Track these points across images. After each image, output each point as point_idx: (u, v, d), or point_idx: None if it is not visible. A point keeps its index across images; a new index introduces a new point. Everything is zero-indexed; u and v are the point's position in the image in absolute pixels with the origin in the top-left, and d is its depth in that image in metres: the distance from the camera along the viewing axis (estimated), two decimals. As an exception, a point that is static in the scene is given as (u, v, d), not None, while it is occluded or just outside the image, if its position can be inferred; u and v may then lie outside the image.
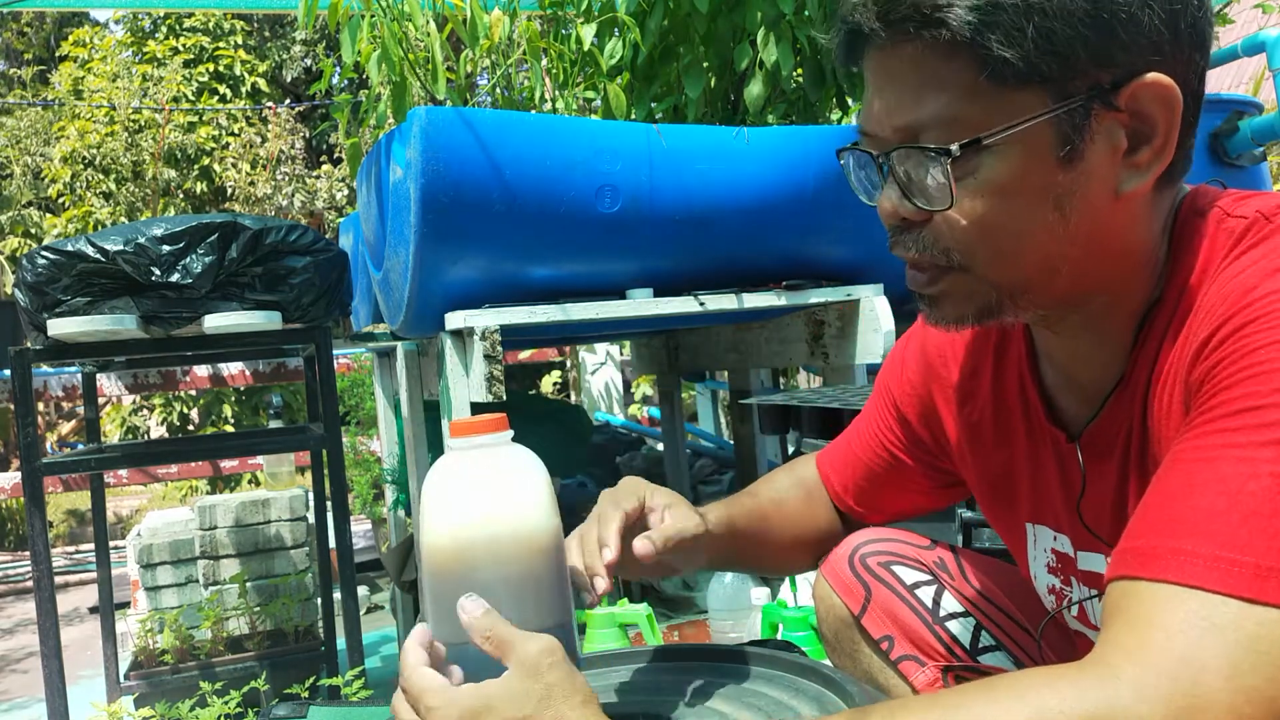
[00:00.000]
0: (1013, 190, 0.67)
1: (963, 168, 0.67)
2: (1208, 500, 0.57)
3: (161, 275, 1.99)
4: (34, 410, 2.05)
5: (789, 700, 0.79)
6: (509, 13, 2.28)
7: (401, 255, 1.84)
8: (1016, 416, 0.86)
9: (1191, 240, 0.70)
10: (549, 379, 7.50)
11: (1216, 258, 0.68)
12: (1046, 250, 0.68)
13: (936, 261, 0.71)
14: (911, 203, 0.70)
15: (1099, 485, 0.78)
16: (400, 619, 2.95)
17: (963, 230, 0.69)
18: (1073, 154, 0.66)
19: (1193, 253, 0.69)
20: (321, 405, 2.25)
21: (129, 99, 7.30)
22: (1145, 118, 0.66)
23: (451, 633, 0.69)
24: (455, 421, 0.71)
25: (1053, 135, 0.65)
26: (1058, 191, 0.67)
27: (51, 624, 1.98)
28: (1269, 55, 2.08)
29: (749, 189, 1.95)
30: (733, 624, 1.96)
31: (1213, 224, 0.69)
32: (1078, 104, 0.65)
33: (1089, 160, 0.66)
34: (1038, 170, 0.66)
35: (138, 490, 7.80)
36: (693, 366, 3.14)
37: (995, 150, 0.66)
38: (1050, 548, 0.87)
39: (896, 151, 0.69)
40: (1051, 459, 0.83)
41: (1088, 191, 0.67)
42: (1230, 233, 0.68)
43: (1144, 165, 0.67)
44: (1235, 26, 3.58)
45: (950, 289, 0.72)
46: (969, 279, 0.71)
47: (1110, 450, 0.76)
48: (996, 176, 0.67)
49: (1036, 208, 0.67)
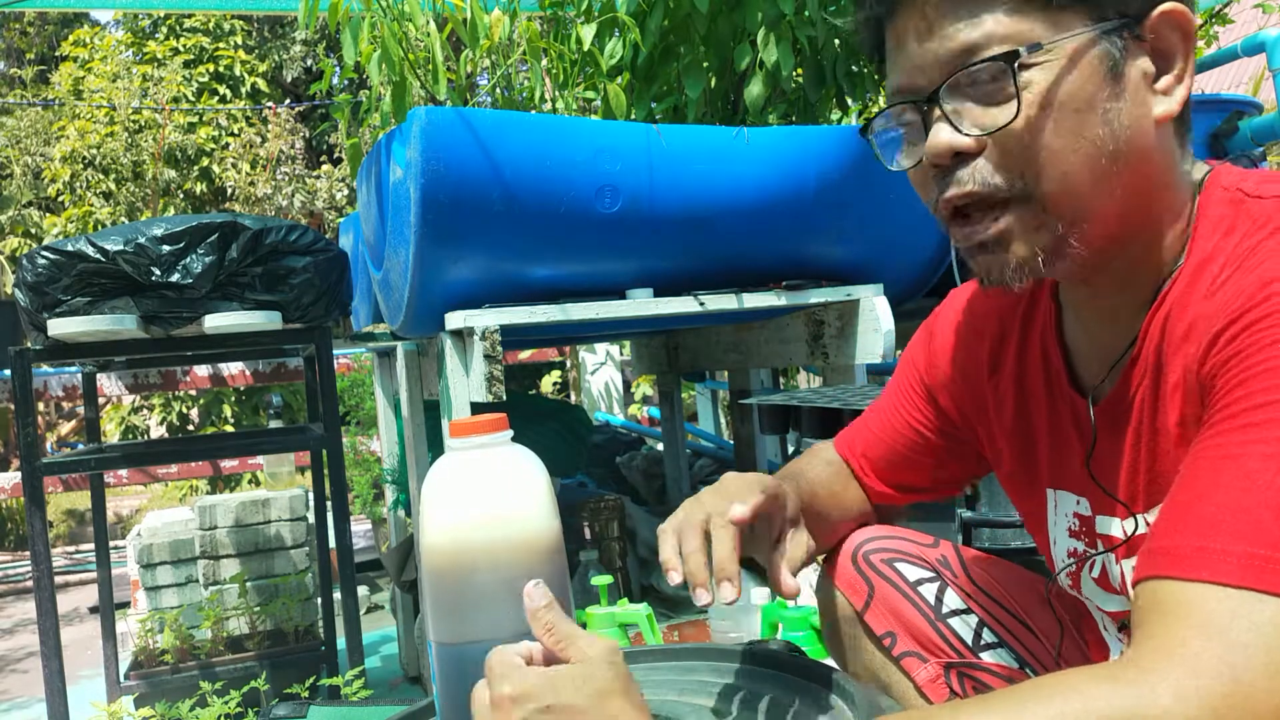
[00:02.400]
0: (1068, 101, 0.69)
1: (1019, 81, 0.69)
2: (1234, 497, 0.57)
3: (161, 275, 1.99)
4: (34, 410, 2.05)
5: (789, 700, 0.79)
6: (509, 13, 2.28)
7: (401, 255, 1.84)
8: (1039, 383, 0.87)
9: (1212, 216, 0.72)
10: (549, 379, 7.50)
11: (1233, 240, 0.69)
12: (1100, 167, 0.70)
13: (994, 194, 0.71)
14: (964, 132, 0.71)
15: (1111, 447, 0.80)
16: (400, 619, 2.95)
17: (1022, 148, 0.70)
18: (1115, 71, 0.69)
19: (1213, 227, 0.71)
20: (321, 405, 2.26)
21: (129, 99, 7.30)
22: (1165, 46, 0.71)
23: (451, 633, 0.69)
24: (455, 421, 0.71)
25: (1098, 51, 0.69)
26: (1106, 106, 0.69)
27: (51, 624, 1.98)
28: (1269, 55, 2.08)
29: (749, 189, 1.95)
30: (733, 624, 1.96)
31: (1235, 203, 0.71)
32: (1112, 26, 0.69)
33: (1128, 80, 0.70)
34: (1089, 84, 0.69)
35: (138, 490, 7.80)
36: (693, 366, 3.14)
37: (1048, 64, 0.68)
38: (1072, 511, 0.87)
39: (948, 83, 0.70)
40: (1071, 423, 0.84)
41: (1131, 110, 0.70)
42: (1250, 215, 0.69)
43: (1170, 91, 0.71)
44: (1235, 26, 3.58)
45: (1012, 225, 0.71)
46: (1030, 210, 0.71)
47: (1125, 416, 0.78)
48: (1052, 88, 0.69)
49: (1090, 121, 0.69)
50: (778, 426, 1.96)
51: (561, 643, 0.64)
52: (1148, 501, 0.78)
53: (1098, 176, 0.70)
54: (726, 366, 2.89)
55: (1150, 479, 0.77)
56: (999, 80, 0.69)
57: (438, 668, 0.70)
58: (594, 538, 2.38)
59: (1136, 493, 0.79)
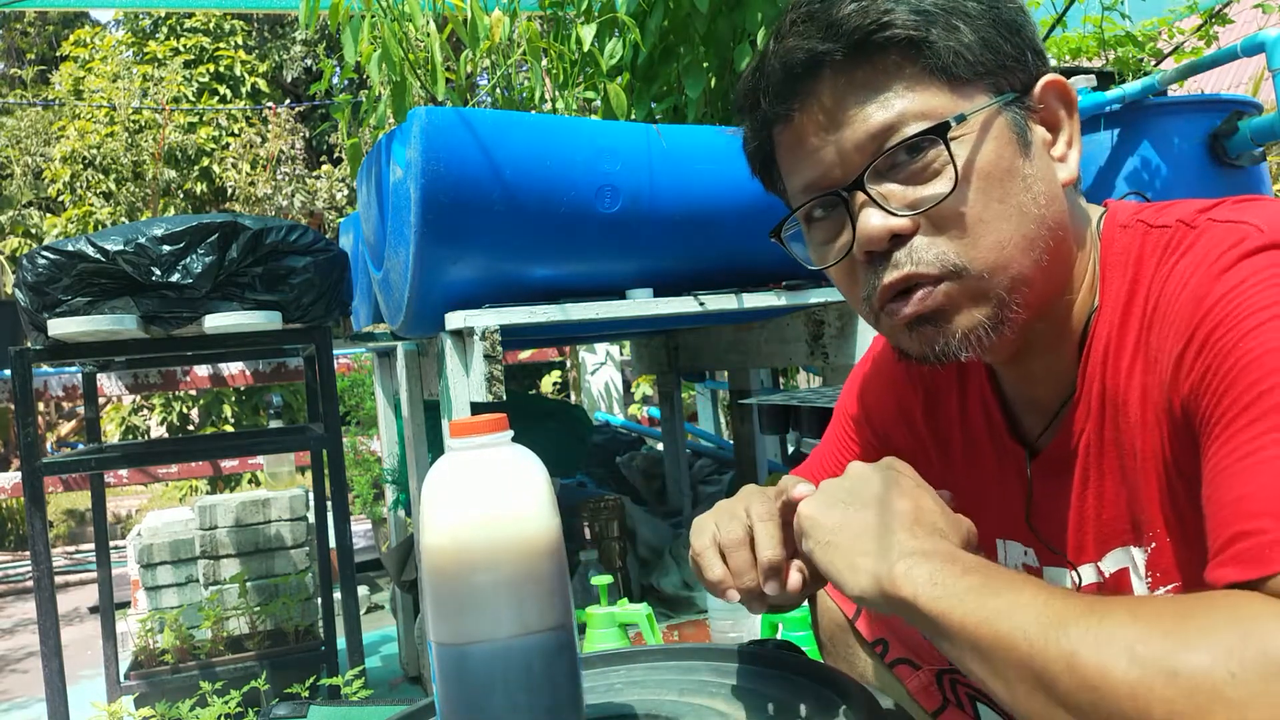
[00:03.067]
0: (993, 171, 0.70)
1: (940, 157, 0.70)
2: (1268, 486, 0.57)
3: (162, 275, 1.99)
4: (34, 410, 2.05)
5: (789, 700, 0.79)
6: (509, 13, 2.28)
7: (401, 255, 1.84)
8: (982, 433, 0.88)
9: (1121, 253, 0.74)
10: (549, 379, 7.50)
11: (1147, 270, 0.71)
12: (1030, 233, 0.71)
13: (930, 271, 0.71)
14: (894, 214, 0.70)
15: (1054, 498, 0.80)
16: (400, 619, 2.95)
17: (958, 218, 0.70)
18: (1023, 140, 0.71)
19: (1124, 265, 0.73)
20: (322, 405, 2.26)
21: (129, 99, 7.30)
22: (1052, 115, 0.74)
23: (451, 633, 0.69)
24: (455, 421, 0.71)
25: (1005, 120, 0.71)
26: (1025, 173, 0.71)
27: (52, 624, 1.98)
28: (1268, 55, 2.08)
29: (749, 189, 1.94)
30: (733, 624, 1.96)
31: (1138, 236, 0.73)
32: (1011, 98, 0.71)
33: (1033, 148, 0.72)
34: (1006, 151, 0.71)
35: (138, 490, 7.81)
36: (693, 366, 3.14)
37: (964, 138, 0.70)
38: (1021, 562, 0.88)
39: (879, 159, 0.70)
40: (1014, 474, 0.85)
41: (1041, 175, 0.72)
42: (1156, 244, 0.71)
43: (1065, 157, 0.74)
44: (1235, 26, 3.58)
45: (955, 296, 0.71)
46: (970, 281, 0.70)
47: (1069, 465, 0.78)
48: (978, 158, 0.70)
49: (1013, 188, 0.71)
50: (778, 426, 1.96)
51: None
52: (1099, 549, 0.78)
53: (1029, 242, 0.71)
54: (726, 366, 2.90)
55: (1099, 526, 0.77)
56: (925, 156, 0.70)
57: (438, 668, 0.70)
58: (594, 538, 2.38)
59: (1085, 541, 0.79)
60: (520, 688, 0.68)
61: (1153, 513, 0.72)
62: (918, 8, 0.70)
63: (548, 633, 0.69)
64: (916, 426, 0.94)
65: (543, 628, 0.69)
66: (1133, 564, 0.75)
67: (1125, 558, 0.76)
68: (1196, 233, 0.68)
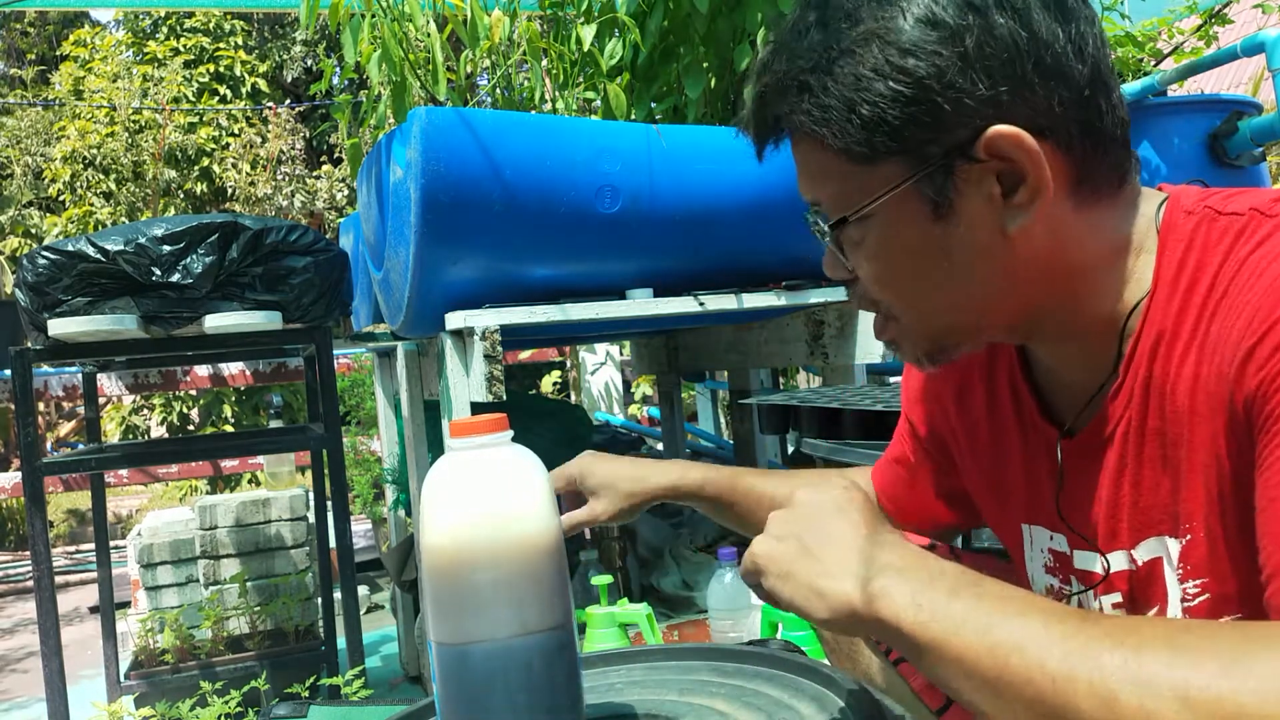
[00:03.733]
0: (896, 251, 0.72)
1: (849, 238, 0.74)
2: None
3: (162, 275, 1.99)
4: (34, 410, 2.05)
5: (789, 700, 0.79)
6: (509, 13, 2.29)
7: (402, 255, 1.84)
8: (1009, 415, 0.87)
9: (1182, 239, 0.70)
10: (549, 379, 7.50)
11: (1214, 257, 0.67)
12: (954, 298, 0.73)
13: (872, 310, 0.79)
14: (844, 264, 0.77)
15: (1086, 482, 0.79)
16: (400, 618, 2.95)
17: (874, 289, 0.76)
18: (942, 211, 0.70)
19: (1185, 250, 0.69)
20: (322, 405, 2.26)
21: (129, 99, 7.31)
22: (1010, 162, 0.68)
23: (451, 632, 0.69)
24: (455, 421, 0.72)
25: (916, 199, 0.70)
26: (942, 244, 0.71)
27: (52, 623, 1.98)
28: (1268, 55, 2.08)
29: (749, 189, 1.95)
30: (733, 624, 1.96)
31: (1204, 222, 0.69)
32: (936, 166, 0.68)
33: (964, 211, 0.70)
34: (913, 231, 0.71)
35: (138, 490, 7.81)
36: (693, 366, 3.14)
37: (871, 220, 0.72)
38: (1047, 547, 0.87)
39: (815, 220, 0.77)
40: (1044, 457, 0.83)
41: (972, 240, 0.70)
42: (1226, 230, 0.67)
43: (1025, 204, 0.69)
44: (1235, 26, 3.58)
45: (896, 334, 0.78)
46: (904, 327, 0.77)
47: (1104, 449, 0.76)
48: (878, 242, 0.73)
49: (927, 263, 0.72)
50: (777, 426, 1.96)
51: None
52: (1133, 537, 0.76)
53: (954, 303, 0.73)
54: (726, 366, 2.90)
55: (1135, 513, 0.75)
56: (828, 238, 0.75)
57: (438, 667, 0.70)
58: (594, 538, 2.38)
59: (1119, 528, 0.77)
60: (520, 687, 0.68)
61: (1194, 505, 0.70)
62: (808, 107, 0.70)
63: (548, 632, 0.69)
64: (949, 414, 0.95)
65: (543, 627, 0.69)
66: (1166, 554, 0.74)
67: (1160, 547, 0.74)
68: (1275, 222, 0.65)
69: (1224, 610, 0.71)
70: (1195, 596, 0.72)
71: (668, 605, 2.37)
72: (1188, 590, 0.72)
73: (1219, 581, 0.70)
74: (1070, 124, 0.69)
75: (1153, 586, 0.76)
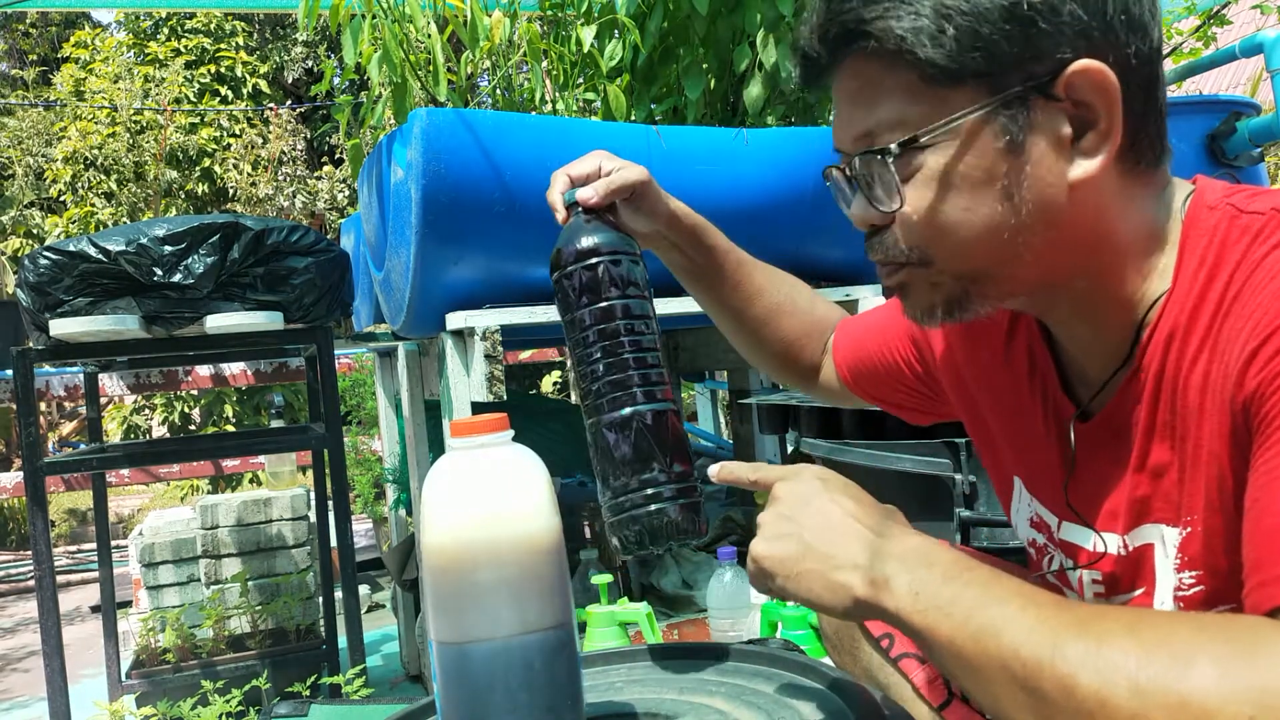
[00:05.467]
0: (958, 182, 0.70)
1: (908, 166, 0.71)
2: None
3: (163, 275, 1.99)
4: (36, 410, 2.05)
5: (789, 700, 0.80)
6: (509, 14, 2.29)
7: (402, 256, 1.84)
8: (1023, 376, 0.86)
9: (1203, 234, 0.70)
10: (549, 379, 7.50)
11: (1231, 256, 0.68)
12: (1000, 239, 0.71)
13: (896, 259, 0.75)
14: (874, 208, 0.74)
15: (1092, 465, 0.79)
16: (401, 618, 2.95)
17: (918, 227, 0.72)
18: (1014, 145, 0.69)
19: (1206, 247, 0.70)
20: (323, 405, 2.26)
21: (131, 100, 7.31)
22: (1085, 105, 0.68)
23: (452, 631, 0.69)
24: (456, 421, 0.72)
25: (992, 128, 0.68)
26: (1004, 182, 0.69)
27: (53, 623, 1.98)
28: (1267, 56, 2.09)
29: (749, 190, 1.95)
30: (732, 622, 1.96)
31: (1225, 220, 0.70)
32: (1013, 96, 0.68)
33: (1032, 150, 0.69)
34: (980, 162, 0.69)
35: (139, 490, 7.81)
36: (693, 366, 3.14)
37: (937, 146, 0.69)
38: (1034, 509, 0.88)
39: (854, 160, 0.73)
40: (1055, 430, 0.83)
41: (1036, 180, 0.69)
42: (1245, 230, 0.68)
43: (1092, 151, 0.69)
44: (1234, 27, 3.58)
45: (912, 280, 0.76)
46: (930, 271, 0.74)
47: (1114, 435, 0.77)
48: (940, 170, 0.70)
49: (984, 198, 0.70)
50: (777, 426, 1.96)
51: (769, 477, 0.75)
52: (1130, 522, 0.77)
53: (997, 247, 0.71)
54: (726, 366, 2.90)
55: (1134, 500, 0.76)
56: (885, 166, 0.71)
57: (438, 666, 0.70)
58: (594, 537, 2.39)
59: (1118, 510, 0.78)
60: (520, 686, 0.68)
61: (1196, 499, 0.70)
62: (899, 14, 0.67)
63: (548, 631, 0.69)
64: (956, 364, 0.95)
65: (543, 626, 0.69)
66: (1161, 542, 0.75)
67: (1155, 534, 0.75)
68: None
69: (1218, 602, 0.71)
70: (1190, 587, 0.73)
71: (668, 604, 2.38)
72: (1184, 580, 0.73)
73: (1213, 576, 0.71)
74: (1138, 81, 0.69)
75: (1139, 571, 0.77)
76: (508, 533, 0.69)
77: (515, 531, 0.70)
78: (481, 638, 0.68)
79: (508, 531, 0.69)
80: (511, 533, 0.70)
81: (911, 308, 0.78)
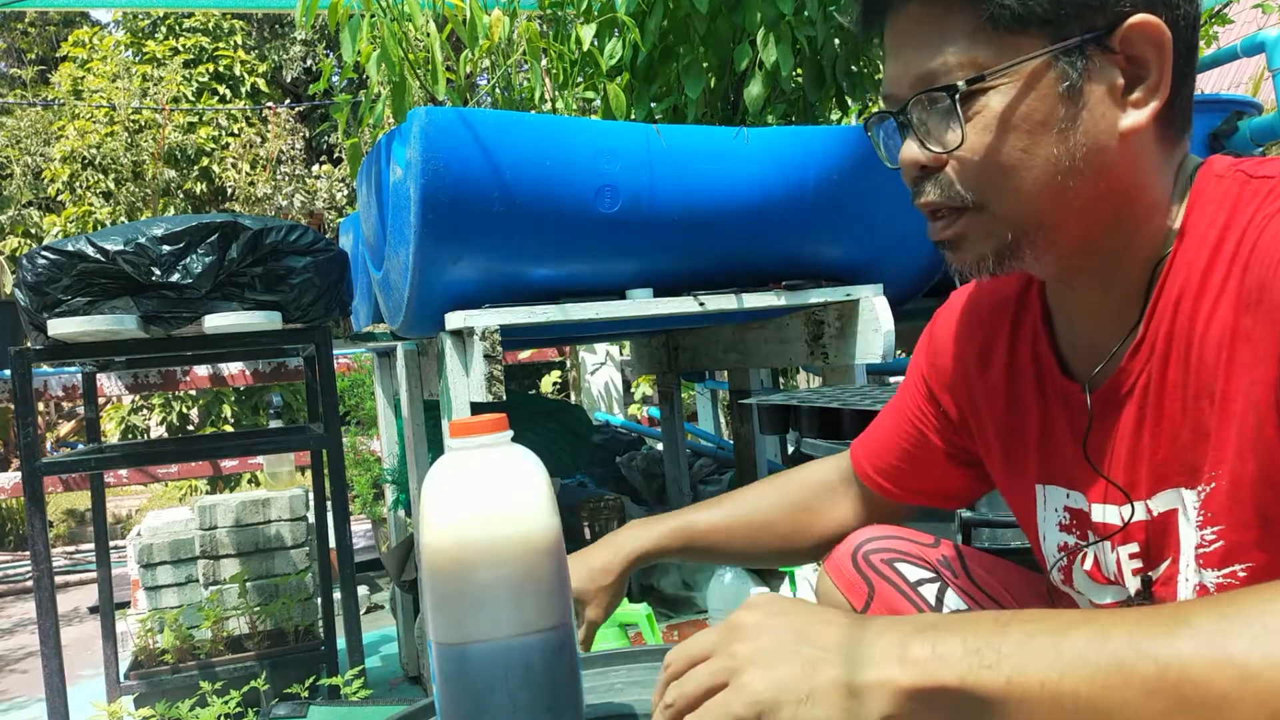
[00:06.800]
0: (1018, 124, 0.72)
1: (971, 105, 0.72)
2: None
3: (162, 275, 1.99)
4: (34, 410, 2.05)
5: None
6: (509, 13, 2.28)
7: (401, 255, 1.84)
8: (1028, 378, 0.88)
9: (1211, 198, 0.73)
10: (549, 379, 7.50)
11: (1243, 215, 0.70)
12: (1054, 183, 0.72)
13: (953, 203, 0.76)
14: (928, 148, 0.75)
15: (1108, 434, 0.80)
16: (400, 619, 2.95)
17: (975, 167, 0.74)
18: (1072, 91, 0.71)
19: (1214, 210, 0.73)
20: (321, 405, 2.26)
21: (129, 99, 7.30)
22: (1138, 59, 0.71)
23: (451, 632, 0.69)
24: (455, 422, 0.72)
25: (1053, 73, 0.71)
26: (1061, 126, 0.71)
27: (51, 624, 1.98)
28: (1268, 55, 2.09)
29: (749, 189, 1.95)
30: (732, 624, 1.96)
31: (1235, 185, 0.72)
32: (1074, 44, 0.70)
33: (1088, 97, 0.71)
34: (1040, 105, 0.71)
35: (137, 490, 7.81)
36: (693, 366, 3.14)
37: (1000, 88, 0.71)
38: (1063, 505, 0.88)
39: (913, 100, 0.74)
40: (1062, 414, 0.85)
41: (1090, 126, 0.72)
42: (1257, 192, 0.70)
43: (1141, 103, 0.72)
44: (1235, 26, 3.58)
45: (967, 229, 0.76)
46: (984, 218, 0.75)
47: (1125, 403, 0.78)
48: (1002, 111, 0.72)
49: (1041, 141, 0.72)
50: (777, 426, 1.96)
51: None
52: (1150, 488, 0.78)
53: (1052, 192, 0.73)
54: (726, 366, 2.89)
55: (1153, 466, 0.77)
56: (950, 107, 0.73)
57: (438, 667, 0.70)
58: (594, 538, 2.39)
59: (1136, 479, 0.79)
60: (520, 687, 0.68)
61: (1222, 453, 0.72)
62: None
63: (548, 632, 0.69)
64: (970, 376, 0.96)
65: (543, 627, 0.69)
66: (1182, 505, 0.76)
67: (1175, 499, 0.77)
68: None
69: (1237, 558, 0.73)
70: (1211, 543, 0.74)
71: (668, 605, 2.37)
72: (1205, 537, 0.75)
73: (1236, 530, 0.72)
74: (1183, 42, 0.73)
75: (1167, 537, 0.78)
76: (507, 533, 0.69)
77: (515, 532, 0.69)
78: (481, 638, 0.68)
79: (507, 532, 0.69)
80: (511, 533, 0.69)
81: (963, 259, 0.78)
